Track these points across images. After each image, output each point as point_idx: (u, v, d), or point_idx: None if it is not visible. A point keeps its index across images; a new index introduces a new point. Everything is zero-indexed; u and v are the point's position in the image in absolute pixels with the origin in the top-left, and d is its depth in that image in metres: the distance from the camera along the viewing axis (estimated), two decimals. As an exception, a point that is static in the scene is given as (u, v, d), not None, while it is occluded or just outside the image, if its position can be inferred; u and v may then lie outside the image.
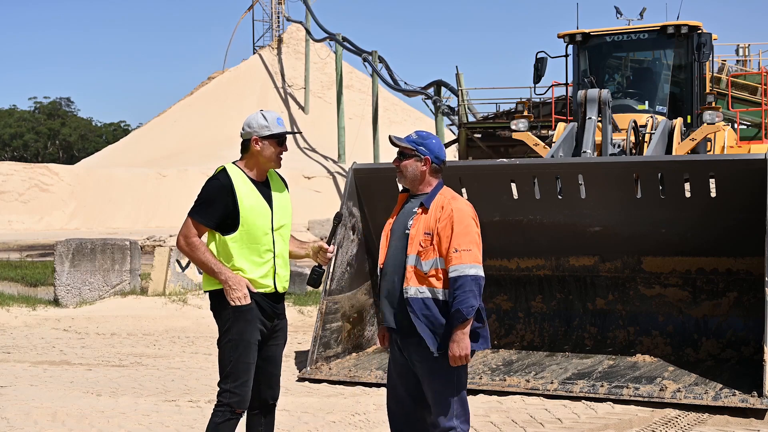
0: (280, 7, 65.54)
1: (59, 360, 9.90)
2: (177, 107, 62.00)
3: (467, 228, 4.61)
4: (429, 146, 4.75)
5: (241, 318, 4.86)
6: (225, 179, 4.90)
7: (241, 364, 4.85)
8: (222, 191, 4.86)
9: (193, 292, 14.16)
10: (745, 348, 8.59)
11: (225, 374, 4.88)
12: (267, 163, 4.98)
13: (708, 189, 8.47)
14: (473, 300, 4.53)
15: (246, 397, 4.89)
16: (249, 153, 4.98)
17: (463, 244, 4.57)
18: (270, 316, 4.98)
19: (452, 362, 4.58)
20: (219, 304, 4.92)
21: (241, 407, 4.87)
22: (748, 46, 23.99)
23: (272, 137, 4.94)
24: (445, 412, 4.65)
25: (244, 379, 4.87)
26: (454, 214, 4.62)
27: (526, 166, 9.34)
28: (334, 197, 41.20)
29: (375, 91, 45.06)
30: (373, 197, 9.33)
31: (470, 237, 4.60)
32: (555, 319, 9.35)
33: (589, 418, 7.04)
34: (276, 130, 4.94)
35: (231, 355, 4.86)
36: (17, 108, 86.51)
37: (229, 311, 4.86)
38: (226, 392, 4.87)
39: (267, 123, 4.94)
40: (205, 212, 4.88)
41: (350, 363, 8.86)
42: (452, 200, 4.69)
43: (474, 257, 4.57)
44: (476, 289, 4.54)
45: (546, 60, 14.55)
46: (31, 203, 42.35)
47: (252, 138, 4.93)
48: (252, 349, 4.89)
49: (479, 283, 4.56)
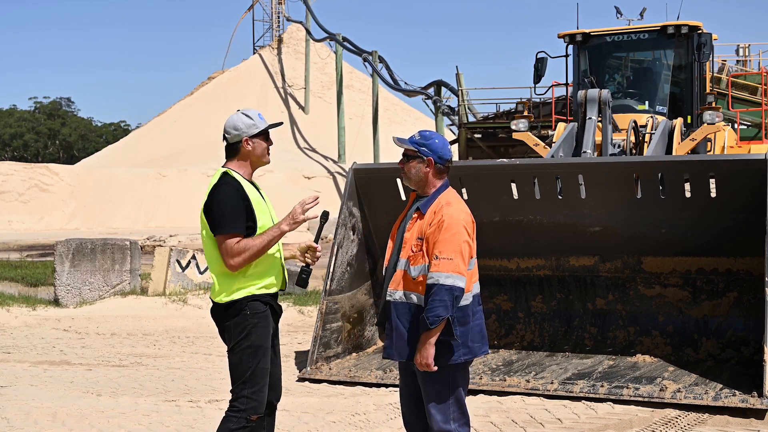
0: (280, 7, 65.57)
1: (59, 360, 9.90)
2: (177, 107, 62.02)
3: (454, 236, 4.51)
4: (432, 146, 4.68)
5: (260, 324, 4.81)
6: (234, 181, 4.84)
7: (260, 370, 4.79)
8: (238, 194, 4.80)
9: (193, 292, 14.16)
10: (745, 348, 8.58)
11: (243, 380, 4.78)
12: (259, 161, 4.95)
13: (708, 189, 8.47)
14: (441, 310, 4.42)
15: (263, 403, 4.83)
16: (240, 155, 4.92)
17: (445, 252, 4.48)
18: (277, 318, 4.98)
19: (418, 368, 4.55)
20: (236, 312, 4.81)
21: (257, 413, 4.80)
22: (748, 46, 24.00)
23: (261, 134, 4.92)
24: (441, 415, 4.62)
25: (261, 384, 4.81)
26: (444, 220, 4.53)
27: (526, 166, 9.33)
28: (334, 197, 41.19)
29: (375, 91, 45.08)
30: (373, 197, 9.33)
31: (454, 246, 4.49)
32: (555, 319, 9.35)
33: (589, 418, 7.04)
34: (263, 126, 4.92)
35: (250, 362, 4.77)
36: (17, 108, 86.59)
37: (248, 317, 4.79)
38: (243, 398, 4.77)
39: (253, 121, 4.90)
40: (237, 221, 4.76)
41: (350, 363, 8.86)
42: (446, 206, 4.60)
43: (454, 267, 4.47)
44: (448, 299, 4.43)
45: (546, 60, 14.55)
46: (31, 203, 42.36)
47: (243, 139, 4.88)
48: (269, 354, 4.86)
49: (453, 294, 4.45)
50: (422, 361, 4.50)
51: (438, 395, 4.62)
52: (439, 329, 4.48)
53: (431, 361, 4.50)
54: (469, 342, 4.62)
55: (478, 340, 4.68)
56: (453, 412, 4.63)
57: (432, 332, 4.47)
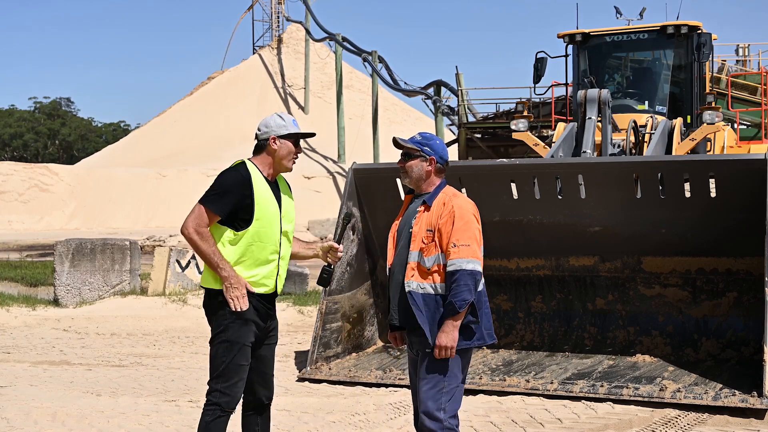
0: (280, 7, 65.57)
1: (59, 360, 9.90)
2: (177, 107, 62.02)
3: (467, 224, 4.69)
4: (433, 147, 4.88)
5: (238, 320, 4.86)
6: (244, 171, 4.91)
7: (234, 365, 4.86)
8: (240, 182, 4.87)
9: (193, 292, 14.16)
10: (745, 348, 8.58)
11: (217, 374, 4.89)
12: (281, 163, 5.01)
13: (708, 189, 8.47)
14: (467, 294, 4.60)
15: (236, 398, 4.91)
16: (265, 152, 5.01)
17: (462, 240, 4.65)
18: (264, 318, 5.00)
19: (437, 352, 4.64)
20: (216, 303, 4.91)
21: (230, 407, 4.89)
22: (748, 46, 24.00)
23: (290, 136, 5.00)
24: (433, 402, 4.69)
25: (236, 380, 4.88)
26: (455, 211, 4.71)
27: (526, 166, 9.34)
28: (334, 197, 41.22)
29: (375, 91, 45.08)
30: (373, 197, 9.33)
31: (470, 233, 4.68)
32: (555, 319, 9.35)
33: (589, 418, 7.04)
34: (292, 129, 5.01)
35: (225, 357, 4.86)
36: (17, 108, 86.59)
37: (227, 312, 4.86)
38: (216, 392, 4.88)
39: (284, 123, 5.02)
40: (220, 201, 4.85)
41: (350, 363, 8.87)
42: (453, 197, 4.79)
43: (472, 252, 4.65)
44: (471, 283, 4.62)
45: (546, 60, 14.56)
46: (31, 203, 42.38)
47: (270, 137, 4.98)
48: (246, 351, 4.90)
49: (476, 278, 4.64)
50: (448, 344, 4.63)
51: (433, 381, 4.71)
52: (464, 313, 4.65)
53: (455, 345, 4.64)
54: (483, 328, 4.78)
55: (489, 327, 4.84)
56: (445, 402, 4.71)
57: (459, 316, 4.64)
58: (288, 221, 5.06)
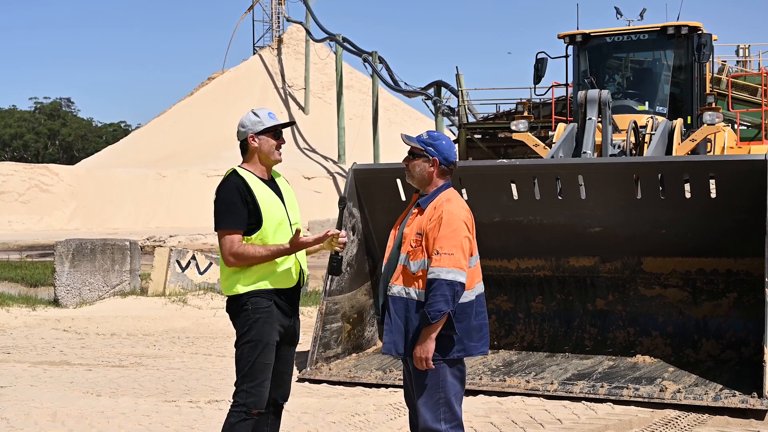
0: (280, 7, 65.61)
1: (59, 360, 9.90)
2: (177, 107, 62.06)
3: (454, 232, 4.53)
4: (438, 147, 4.72)
5: (261, 319, 4.86)
6: (237, 179, 4.92)
7: (258, 365, 4.85)
8: (238, 191, 4.88)
9: (193, 293, 14.16)
10: (745, 349, 8.58)
11: (242, 374, 4.87)
12: (268, 158, 5.02)
13: (708, 190, 8.47)
14: (443, 305, 4.44)
15: (263, 398, 4.89)
16: (249, 152, 5.03)
17: (446, 247, 4.50)
18: (289, 315, 4.99)
19: (416, 364, 4.53)
20: (240, 307, 4.90)
21: (257, 407, 4.86)
22: (748, 47, 24.00)
23: (267, 131, 5.00)
24: (431, 414, 4.58)
25: (261, 379, 4.87)
26: (444, 216, 4.56)
27: (526, 167, 9.33)
28: (334, 198, 41.21)
29: (375, 92, 45.10)
30: (373, 198, 9.33)
31: (455, 241, 4.52)
32: (555, 319, 9.35)
33: (589, 418, 7.04)
34: (268, 123, 5.00)
35: (250, 356, 4.85)
36: (17, 108, 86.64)
37: (250, 312, 4.86)
38: (242, 392, 4.86)
39: (259, 118, 5.01)
40: (232, 217, 4.85)
41: (350, 363, 8.87)
42: (446, 202, 4.63)
43: (455, 262, 4.48)
44: (449, 294, 4.45)
45: (546, 60, 14.57)
46: (31, 203, 42.41)
47: (248, 136, 4.99)
48: (271, 350, 4.90)
49: (455, 289, 4.46)
50: (422, 356, 4.50)
51: (428, 393, 4.59)
52: (440, 324, 4.48)
53: (430, 356, 4.50)
54: (465, 340, 4.60)
55: (477, 339, 4.65)
56: (444, 413, 4.59)
57: (433, 327, 4.47)
58: (295, 213, 5.10)
